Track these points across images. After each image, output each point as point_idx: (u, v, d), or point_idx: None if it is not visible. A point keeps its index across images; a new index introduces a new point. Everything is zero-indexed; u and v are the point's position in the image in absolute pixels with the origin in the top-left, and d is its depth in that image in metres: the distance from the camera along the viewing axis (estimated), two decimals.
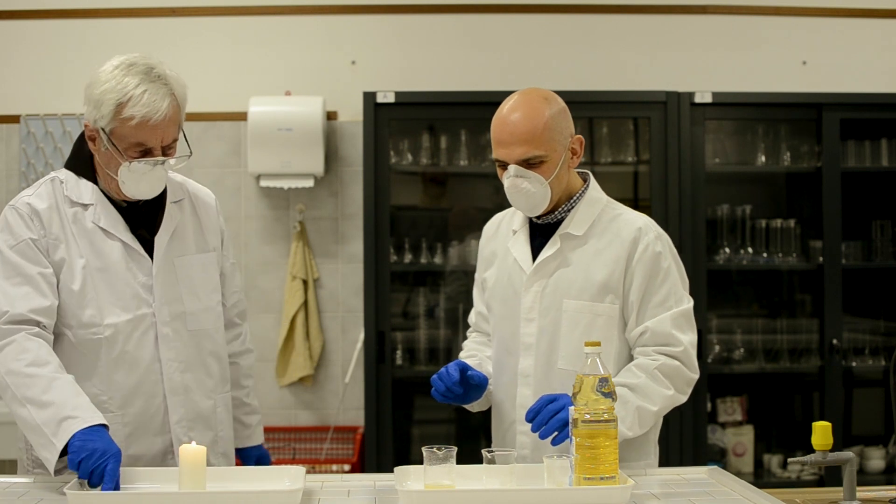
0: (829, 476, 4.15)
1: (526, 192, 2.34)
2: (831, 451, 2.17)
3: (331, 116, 4.63)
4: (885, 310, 4.53)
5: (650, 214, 4.21)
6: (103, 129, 2.30)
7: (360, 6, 4.67)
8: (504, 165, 2.35)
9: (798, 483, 4.29)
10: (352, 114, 4.56)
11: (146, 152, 2.31)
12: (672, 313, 2.36)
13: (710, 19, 4.72)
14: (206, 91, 4.60)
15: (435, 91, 4.35)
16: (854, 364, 4.42)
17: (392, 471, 2.21)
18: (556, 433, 2.17)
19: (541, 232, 2.46)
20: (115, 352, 2.34)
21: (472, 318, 2.68)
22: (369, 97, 4.20)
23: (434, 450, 2.10)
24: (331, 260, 4.62)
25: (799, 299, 4.66)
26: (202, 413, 2.45)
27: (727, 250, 4.43)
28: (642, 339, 2.36)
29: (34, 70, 4.63)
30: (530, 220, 2.47)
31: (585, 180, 2.48)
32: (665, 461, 4.09)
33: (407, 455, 4.34)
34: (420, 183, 4.60)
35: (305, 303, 4.51)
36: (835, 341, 4.25)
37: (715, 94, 4.24)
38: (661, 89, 4.29)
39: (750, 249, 4.44)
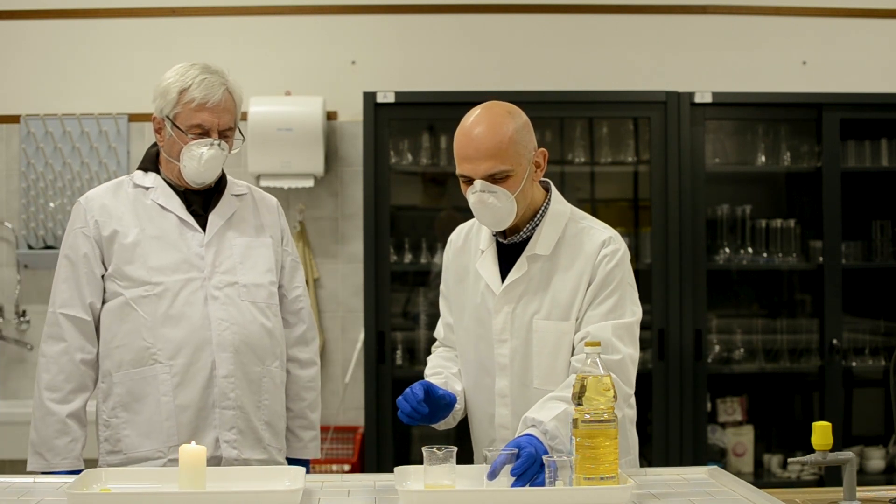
0: (829, 476, 4.15)
1: (492, 208, 2.32)
2: (831, 451, 2.17)
3: (331, 116, 4.63)
4: (885, 310, 4.53)
5: (650, 214, 4.25)
6: (168, 117, 2.60)
7: (360, 6, 4.67)
8: (469, 181, 2.33)
9: (798, 483, 4.29)
10: (352, 114, 4.56)
11: (205, 134, 2.56)
12: (614, 323, 2.35)
13: (710, 19, 4.72)
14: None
15: (435, 91, 4.35)
16: (854, 364, 4.42)
17: (392, 471, 2.21)
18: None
19: (508, 251, 2.45)
20: (163, 308, 2.54)
21: (439, 330, 2.64)
22: (369, 97, 4.20)
23: (434, 450, 2.11)
24: (331, 260, 4.62)
25: (799, 299, 4.66)
26: (249, 376, 2.60)
27: (727, 250, 4.43)
28: (581, 346, 2.34)
29: (34, 70, 4.63)
30: (497, 239, 2.46)
31: (547, 189, 2.47)
32: (665, 461, 4.12)
33: (407, 455, 4.34)
34: (420, 183, 4.61)
35: None
36: (835, 341, 4.25)
37: (715, 94, 4.24)
38: (661, 89, 4.29)
39: (750, 249, 4.44)
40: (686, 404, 4.20)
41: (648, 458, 4.32)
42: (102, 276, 2.58)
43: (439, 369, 2.55)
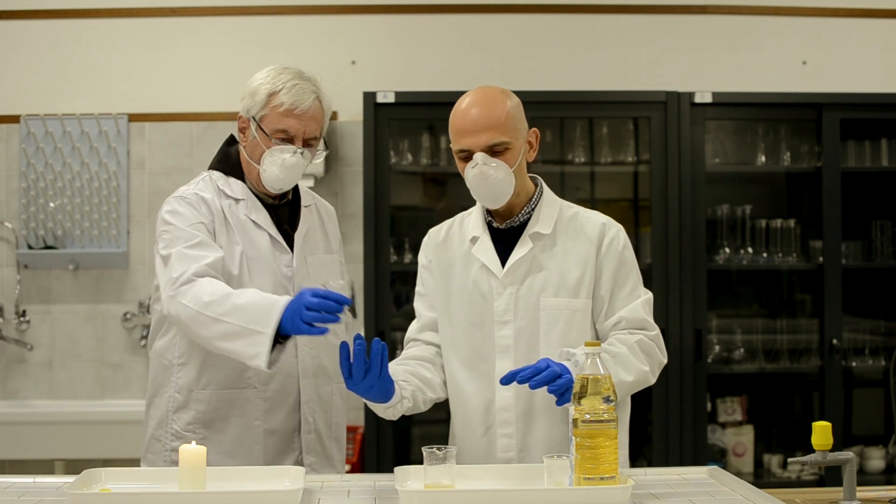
0: (829, 476, 4.15)
1: (493, 180, 2.35)
2: (831, 451, 2.17)
3: (331, 116, 4.62)
4: (885, 310, 4.53)
5: (650, 214, 4.25)
6: (254, 118, 2.54)
7: (360, 6, 4.67)
8: (468, 156, 2.37)
9: (798, 483, 4.29)
10: (352, 114, 4.56)
11: (289, 140, 2.51)
12: (642, 301, 2.43)
13: (710, 19, 4.72)
14: (206, 91, 4.61)
15: (435, 91, 4.35)
16: (854, 364, 4.42)
17: (392, 471, 2.20)
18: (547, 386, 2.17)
19: (502, 236, 2.46)
20: None
21: (412, 330, 2.60)
22: (369, 97, 4.20)
23: (434, 450, 2.10)
24: None
25: (799, 299, 4.66)
26: (323, 397, 2.62)
27: (727, 250, 4.43)
28: (618, 328, 2.41)
29: (34, 70, 4.63)
30: (490, 225, 2.47)
31: (537, 184, 2.51)
32: (665, 461, 4.12)
33: (407, 455, 4.34)
34: (420, 183, 4.61)
35: None
36: (835, 341, 4.25)
37: (715, 94, 4.24)
38: (661, 89, 4.29)
39: (750, 249, 4.44)
40: (686, 404, 4.20)
41: (648, 458, 4.32)
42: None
43: (408, 363, 2.47)
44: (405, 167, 4.43)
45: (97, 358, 4.58)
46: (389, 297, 4.22)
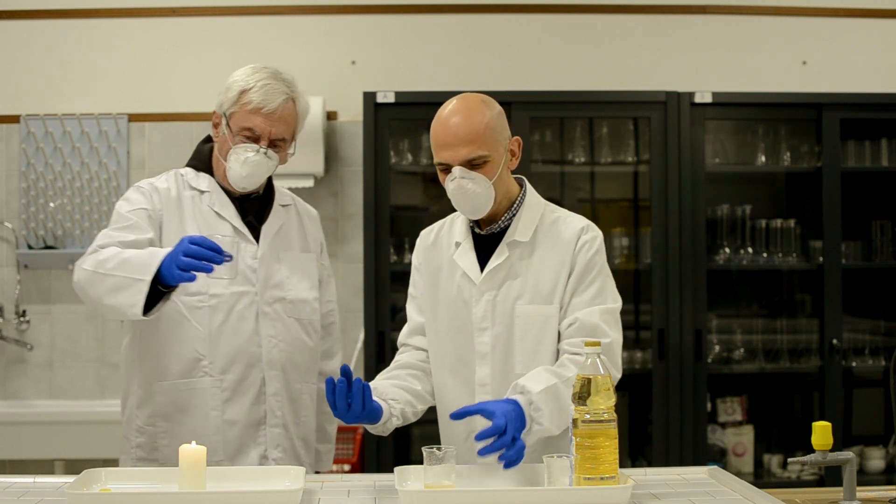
0: (829, 476, 4.15)
1: (472, 194, 2.35)
2: (831, 451, 2.17)
3: (331, 116, 4.63)
4: (885, 310, 4.53)
5: (650, 214, 4.25)
6: (225, 115, 2.55)
7: (360, 6, 4.67)
8: (447, 169, 2.36)
9: (798, 483, 4.29)
10: (352, 114, 4.56)
11: (253, 140, 2.52)
12: (601, 308, 2.39)
13: (710, 19, 4.72)
14: (206, 91, 4.58)
15: (435, 91, 4.34)
16: (854, 364, 4.42)
17: (392, 471, 2.20)
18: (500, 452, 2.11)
19: (485, 242, 2.46)
20: (218, 320, 2.51)
21: (403, 334, 2.60)
22: (369, 97, 4.20)
23: (434, 450, 2.11)
24: (331, 260, 4.57)
25: (799, 299, 4.66)
26: (293, 394, 2.60)
27: (727, 250, 4.43)
28: (570, 331, 2.38)
29: (34, 70, 4.63)
30: (473, 230, 2.48)
31: (521, 185, 2.51)
32: (665, 461, 4.12)
33: (407, 455, 4.34)
34: (420, 183, 4.61)
35: None
36: (835, 341, 4.25)
37: (715, 94, 4.24)
38: (661, 89, 4.29)
39: (750, 249, 4.44)
40: (686, 404, 4.19)
41: (648, 457, 4.32)
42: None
43: (394, 378, 2.46)
44: (405, 167, 4.43)
45: (97, 358, 4.58)
46: (389, 297, 4.22)
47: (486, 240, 2.47)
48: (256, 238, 2.59)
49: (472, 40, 4.67)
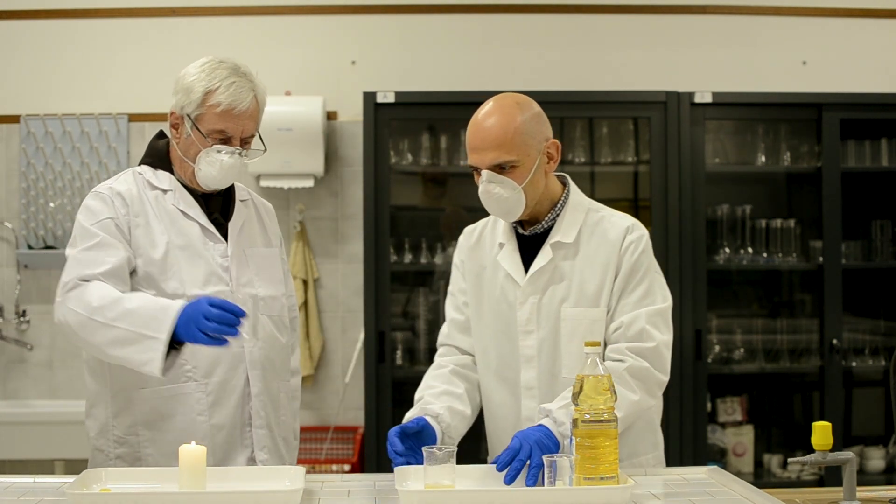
0: (829, 476, 4.14)
1: (498, 198, 2.33)
2: (831, 451, 2.16)
3: (331, 116, 4.63)
4: (885, 310, 4.53)
5: (650, 214, 4.25)
6: (189, 116, 2.45)
7: (360, 6, 4.67)
8: (479, 171, 2.36)
9: (798, 483, 4.29)
10: (352, 114, 4.56)
11: (226, 141, 2.44)
12: (648, 310, 2.36)
13: (710, 19, 4.72)
14: None
15: (435, 91, 4.35)
16: (854, 364, 4.42)
17: (392, 471, 2.20)
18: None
19: (528, 243, 2.45)
20: None
21: (443, 333, 2.60)
22: (369, 97, 4.20)
23: (434, 450, 2.10)
24: (331, 260, 4.62)
25: (799, 299, 4.66)
26: (272, 392, 2.55)
27: (727, 250, 4.43)
28: (616, 335, 2.36)
29: (34, 70, 4.63)
30: (517, 231, 2.46)
31: (565, 184, 2.48)
32: (665, 461, 4.12)
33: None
34: (420, 183, 4.60)
35: (305, 303, 4.51)
36: (835, 341, 4.25)
37: (715, 94, 4.24)
38: (661, 89, 4.29)
39: (750, 249, 4.44)
40: (686, 404, 4.19)
41: None
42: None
43: (421, 395, 2.48)
44: (405, 167, 4.43)
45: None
46: (389, 297, 4.22)
47: (530, 240, 2.44)
48: (224, 236, 2.52)
49: (472, 40, 4.67)
